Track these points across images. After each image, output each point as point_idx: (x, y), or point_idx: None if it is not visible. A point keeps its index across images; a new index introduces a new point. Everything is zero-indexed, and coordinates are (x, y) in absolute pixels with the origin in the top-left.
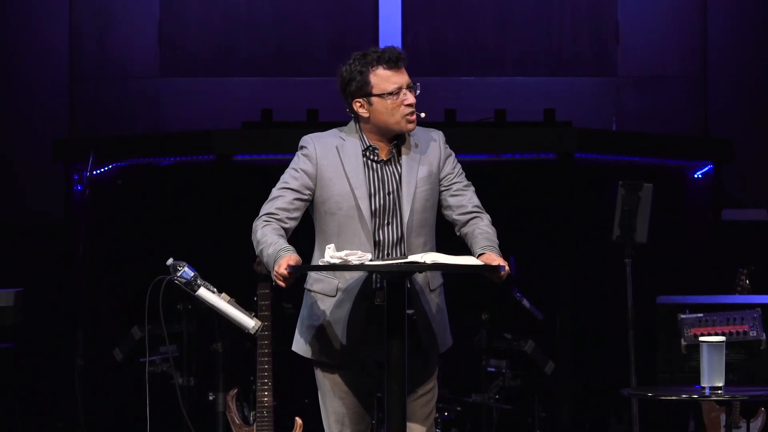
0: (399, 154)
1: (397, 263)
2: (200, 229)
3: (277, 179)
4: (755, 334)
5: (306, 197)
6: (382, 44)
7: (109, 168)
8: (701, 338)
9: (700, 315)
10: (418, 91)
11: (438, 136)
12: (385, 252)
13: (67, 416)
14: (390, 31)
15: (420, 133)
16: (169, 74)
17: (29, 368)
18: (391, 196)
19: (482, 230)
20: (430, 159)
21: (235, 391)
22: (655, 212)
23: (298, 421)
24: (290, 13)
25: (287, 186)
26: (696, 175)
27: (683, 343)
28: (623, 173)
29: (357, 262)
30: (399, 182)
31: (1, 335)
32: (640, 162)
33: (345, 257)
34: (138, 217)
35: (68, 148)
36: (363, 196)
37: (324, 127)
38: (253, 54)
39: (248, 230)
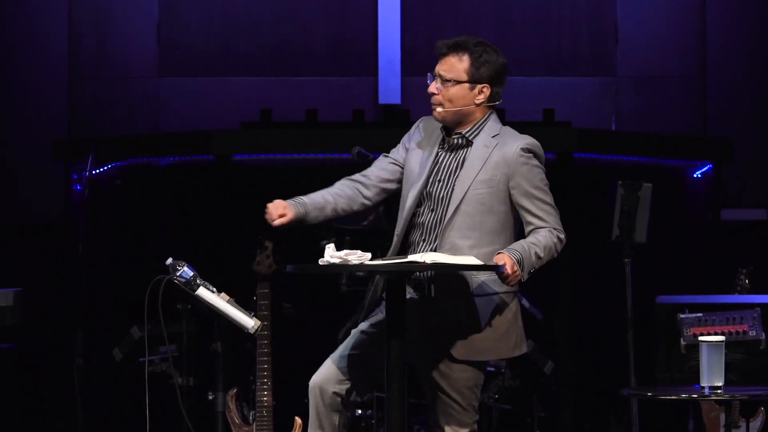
0: (470, 147)
1: (395, 263)
2: (199, 229)
3: (277, 179)
4: (755, 334)
5: (399, 164)
6: (381, 44)
7: (108, 168)
8: (701, 338)
9: (700, 315)
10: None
11: (521, 145)
12: (423, 237)
13: (66, 416)
14: (389, 31)
15: (507, 136)
16: (169, 74)
17: (29, 368)
18: (442, 184)
19: (530, 238)
20: (498, 165)
21: (235, 390)
22: (654, 212)
23: (298, 420)
24: (290, 13)
25: (387, 154)
26: (695, 175)
27: (683, 342)
28: (622, 173)
29: (356, 262)
30: (458, 175)
31: (1, 335)
32: (640, 162)
33: (344, 257)
34: (137, 217)
35: (68, 148)
36: (420, 175)
37: (323, 127)
38: (252, 54)
39: (247, 230)
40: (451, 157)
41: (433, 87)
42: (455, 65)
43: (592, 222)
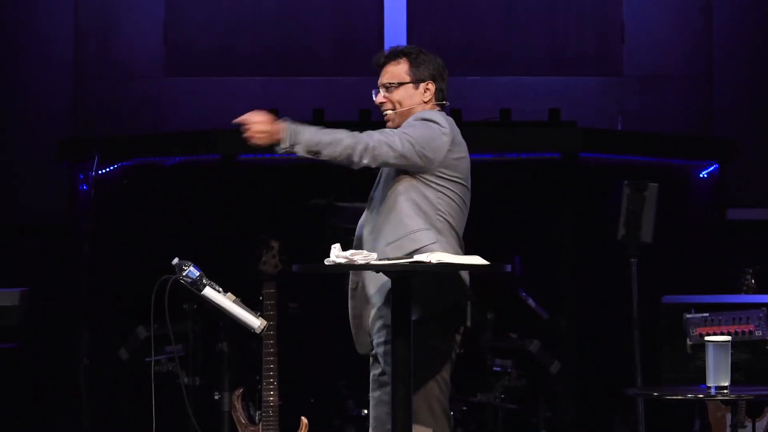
0: None
1: (401, 263)
2: (205, 229)
3: (282, 179)
4: (761, 334)
5: None
6: (386, 44)
7: (114, 168)
8: (707, 338)
9: (706, 314)
10: (376, 95)
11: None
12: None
13: (71, 416)
14: (395, 30)
15: None
16: (174, 74)
17: (34, 368)
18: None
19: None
20: None
21: (241, 390)
22: (660, 212)
23: (304, 420)
24: (295, 12)
25: None
26: (701, 175)
27: (689, 342)
28: (628, 173)
29: (362, 262)
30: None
31: (7, 335)
32: (645, 162)
33: (350, 256)
34: (143, 216)
35: (73, 148)
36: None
37: (329, 127)
38: (257, 54)
39: (252, 229)
40: None
41: (380, 97)
42: (395, 70)
43: (597, 221)
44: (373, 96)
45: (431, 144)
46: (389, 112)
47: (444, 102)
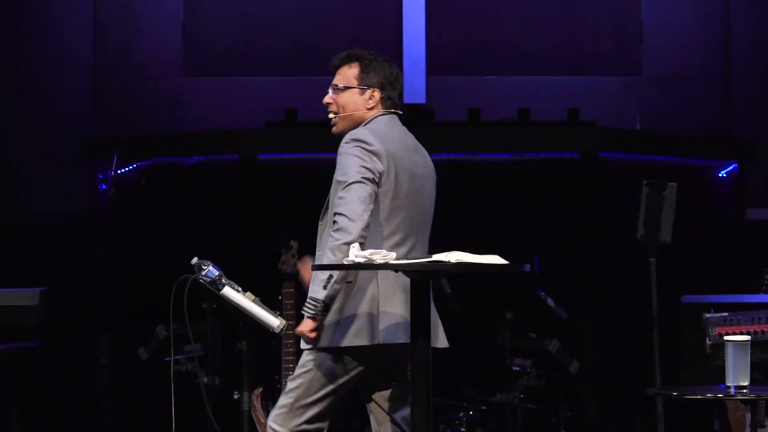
0: None
1: (420, 262)
2: (224, 228)
3: (301, 179)
4: None
5: None
6: (405, 43)
7: (133, 167)
8: (726, 337)
9: (725, 314)
10: (328, 92)
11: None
12: None
13: (91, 415)
14: (414, 30)
15: None
16: (193, 74)
17: (55, 367)
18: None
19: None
20: None
21: (260, 390)
22: (679, 211)
23: None
24: (313, 12)
25: None
26: (720, 174)
27: (708, 342)
28: (647, 172)
29: (381, 261)
30: None
31: (27, 334)
32: (665, 161)
33: (369, 256)
34: (162, 216)
35: (92, 148)
36: None
37: None
38: (276, 53)
39: (271, 229)
40: None
41: (328, 97)
42: (347, 73)
43: (617, 221)
44: (329, 91)
45: (368, 164)
46: (332, 115)
47: (393, 110)
